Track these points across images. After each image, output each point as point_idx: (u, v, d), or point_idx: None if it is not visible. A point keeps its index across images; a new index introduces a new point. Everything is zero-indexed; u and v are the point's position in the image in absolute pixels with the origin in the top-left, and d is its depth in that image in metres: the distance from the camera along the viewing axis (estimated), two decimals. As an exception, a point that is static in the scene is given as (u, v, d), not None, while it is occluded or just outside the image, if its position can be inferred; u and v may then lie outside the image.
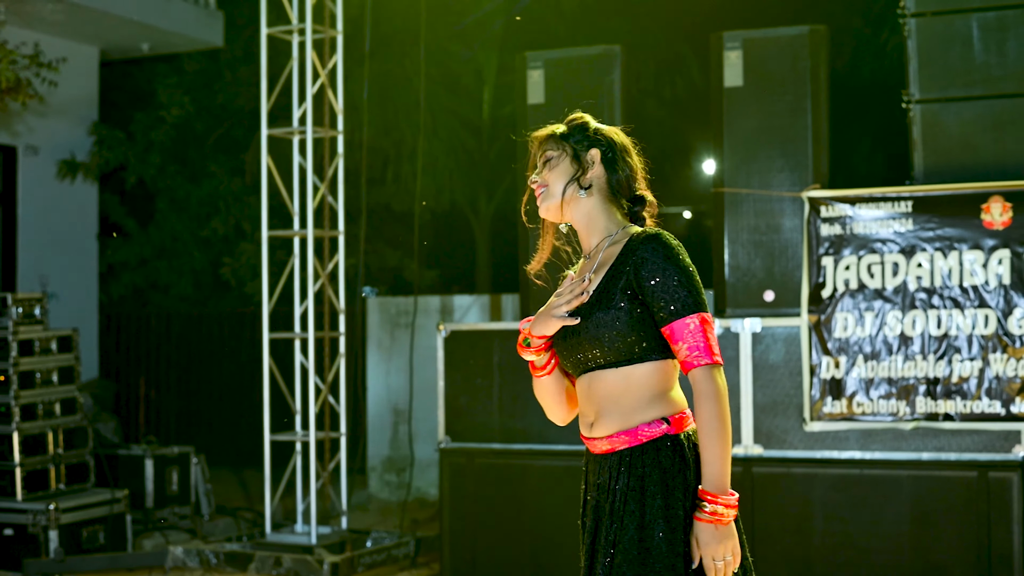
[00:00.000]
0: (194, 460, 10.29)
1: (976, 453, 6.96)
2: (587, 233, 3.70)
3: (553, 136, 3.76)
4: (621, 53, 8.01)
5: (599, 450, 3.57)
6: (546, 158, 3.74)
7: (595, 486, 3.60)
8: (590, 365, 3.56)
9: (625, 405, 3.53)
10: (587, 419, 3.62)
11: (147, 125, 14.88)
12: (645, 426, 3.50)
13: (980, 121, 7.24)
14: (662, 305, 3.47)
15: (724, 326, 7.40)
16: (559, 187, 3.69)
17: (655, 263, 3.50)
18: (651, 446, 3.49)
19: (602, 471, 3.56)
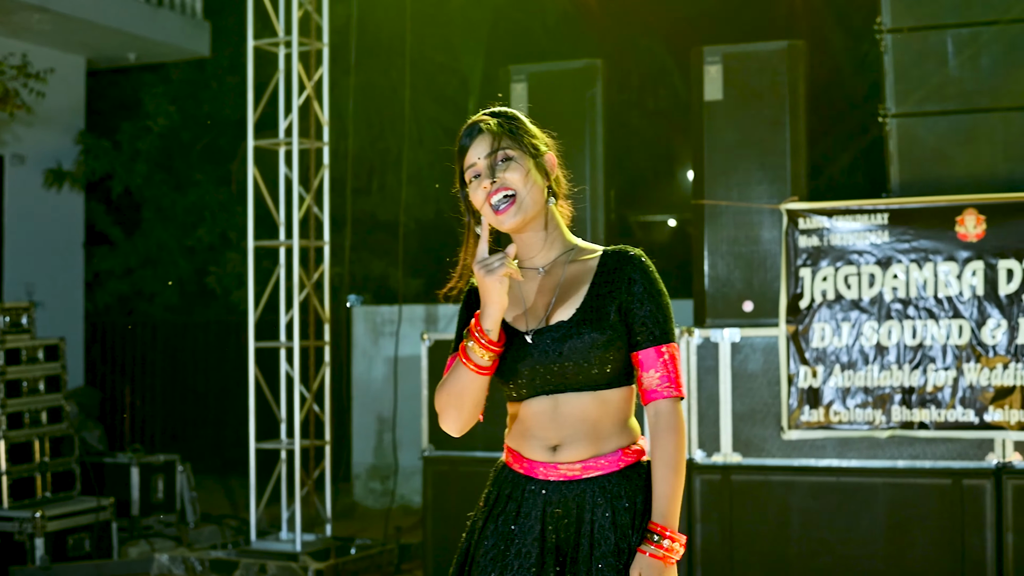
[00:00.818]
0: (180, 468, 10.35)
1: (950, 461, 7.06)
2: (544, 246, 3.43)
3: (511, 132, 3.42)
4: (603, 66, 8.12)
5: (562, 476, 3.32)
6: (505, 156, 3.37)
7: (553, 516, 3.31)
8: (566, 386, 3.31)
9: (602, 429, 3.33)
10: (545, 442, 3.34)
11: (133, 134, 14.92)
12: (623, 453, 3.35)
13: (955, 135, 7.36)
14: (643, 329, 3.32)
15: (704, 336, 7.50)
16: (536, 194, 3.37)
17: (644, 285, 3.35)
18: (631, 472, 3.34)
19: (565, 499, 3.31)
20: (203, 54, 13.98)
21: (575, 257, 3.42)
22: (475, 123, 3.43)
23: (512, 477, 3.41)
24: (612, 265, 3.37)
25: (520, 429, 3.41)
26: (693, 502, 7.45)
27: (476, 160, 3.37)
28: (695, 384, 7.50)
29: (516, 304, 3.41)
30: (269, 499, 9.68)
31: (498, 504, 3.41)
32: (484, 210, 3.35)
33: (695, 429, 7.49)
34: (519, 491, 3.38)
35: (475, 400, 3.33)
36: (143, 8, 13.02)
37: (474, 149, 3.39)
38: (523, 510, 3.35)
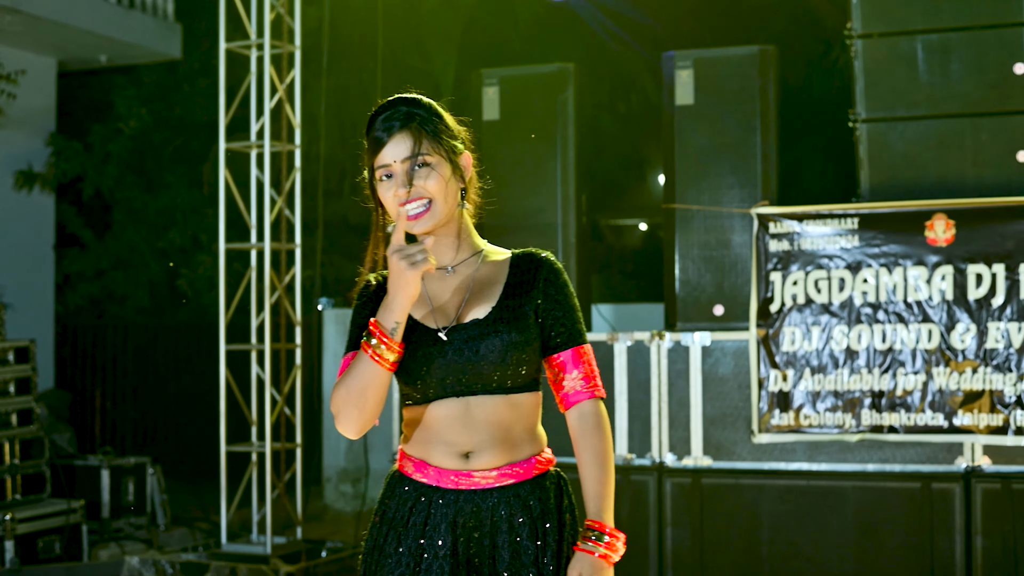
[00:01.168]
0: (150, 470, 10.33)
1: (920, 465, 7.11)
2: (453, 248, 3.29)
3: (432, 135, 3.21)
4: (575, 70, 8.15)
5: (475, 485, 3.16)
6: (424, 162, 3.18)
7: (466, 527, 3.16)
8: (479, 387, 3.16)
9: (515, 435, 3.20)
10: (456, 448, 3.17)
11: (104, 136, 14.88)
12: (536, 460, 3.24)
13: (924, 140, 7.40)
14: (562, 331, 3.25)
15: (674, 340, 7.52)
16: (451, 200, 3.23)
17: (559, 288, 3.27)
18: (544, 480, 3.23)
19: (479, 510, 3.16)
20: (175, 56, 13.95)
21: (484, 259, 3.30)
22: (393, 117, 3.22)
23: (415, 488, 3.22)
24: (525, 267, 3.27)
25: (425, 435, 3.21)
26: (663, 505, 7.47)
27: (391, 162, 3.20)
28: (666, 388, 7.52)
29: (422, 302, 3.25)
30: (240, 502, 9.66)
31: (398, 520, 3.22)
32: (394, 211, 3.20)
33: (666, 432, 7.51)
34: (425, 503, 3.19)
35: (378, 398, 3.12)
36: (115, 10, 12.98)
37: (390, 148, 3.20)
38: (431, 523, 3.17)
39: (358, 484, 11.74)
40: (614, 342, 7.62)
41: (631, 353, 7.61)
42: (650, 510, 7.49)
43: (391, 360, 3.09)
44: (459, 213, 3.29)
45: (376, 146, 3.22)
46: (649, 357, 7.58)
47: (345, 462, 12.04)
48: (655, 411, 7.54)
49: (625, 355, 7.60)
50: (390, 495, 3.28)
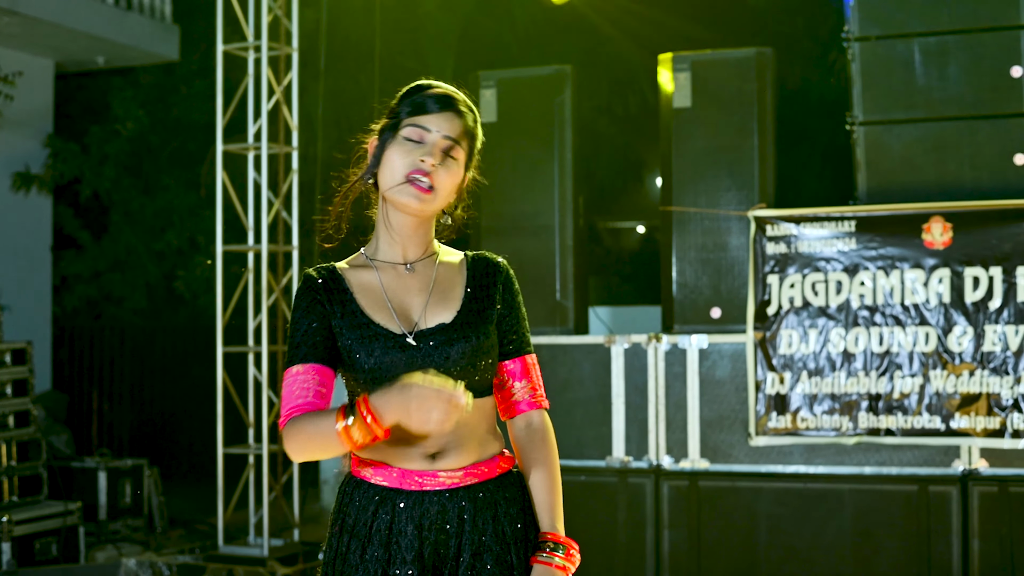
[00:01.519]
0: (147, 472, 10.33)
1: (917, 468, 7.11)
2: (415, 244, 3.18)
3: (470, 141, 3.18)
4: (572, 73, 8.14)
5: (440, 485, 3.05)
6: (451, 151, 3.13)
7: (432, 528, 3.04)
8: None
9: (480, 435, 3.10)
10: (424, 449, 3.04)
11: (102, 138, 14.87)
12: (499, 459, 3.16)
13: (921, 143, 7.40)
14: (514, 339, 3.21)
15: (672, 342, 7.52)
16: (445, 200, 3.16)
17: (514, 292, 3.23)
18: (507, 479, 3.15)
19: (445, 509, 3.04)
20: (172, 58, 13.95)
21: (439, 259, 3.20)
22: (455, 99, 3.16)
23: (375, 493, 3.07)
24: (482, 270, 3.20)
25: (392, 435, 2.93)
26: (661, 508, 7.47)
27: (433, 130, 3.10)
28: (663, 390, 7.52)
29: (379, 302, 3.10)
30: (237, 504, 9.65)
31: (360, 528, 3.07)
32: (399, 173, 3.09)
33: (663, 435, 7.51)
34: (387, 507, 3.05)
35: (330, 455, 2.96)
36: (112, 12, 12.98)
37: (440, 118, 3.11)
38: (396, 527, 3.04)
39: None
40: (611, 344, 7.62)
41: (628, 356, 7.61)
42: (647, 513, 7.49)
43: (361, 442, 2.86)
44: (432, 221, 3.22)
45: (423, 108, 3.13)
46: (646, 360, 7.58)
47: (342, 464, 12.04)
48: (652, 414, 7.54)
49: (622, 357, 7.60)
50: (347, 502, 3.11)
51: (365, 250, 3.24)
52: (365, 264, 3.20)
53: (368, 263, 3.20)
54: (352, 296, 3.11)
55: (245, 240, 9.50)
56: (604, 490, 7.52)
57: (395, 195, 3.10)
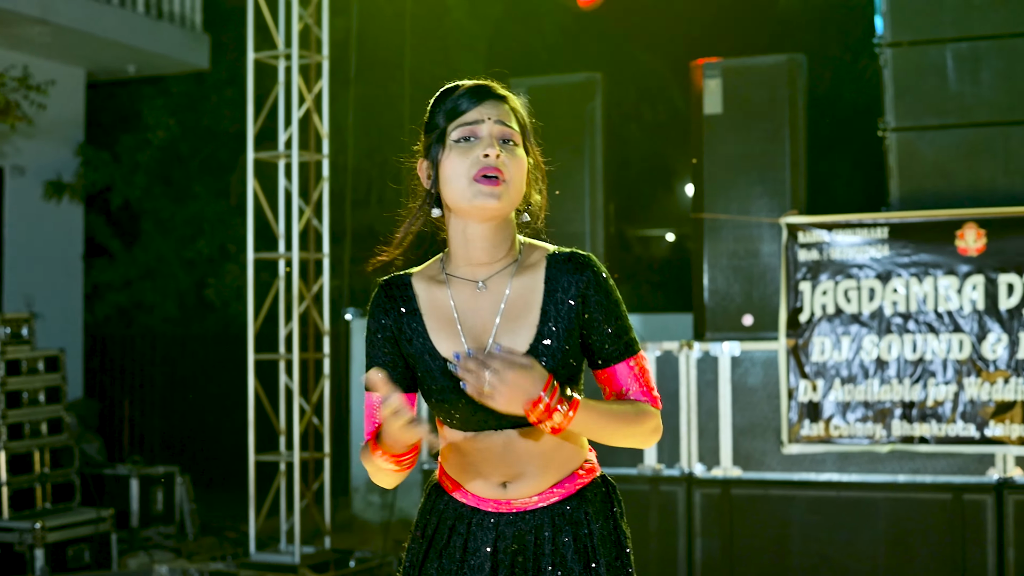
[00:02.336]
0: (179, 480, 10.35)
1: (951, 476, 7.07)
2: (492, 254, 2.92)
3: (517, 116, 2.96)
4: (602, 80, 8.14)
5: (516, 509, 2.92)
6: (507, 135, 2.90)
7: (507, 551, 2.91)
8: (521, 422, 2.81)
9: (559, 457, 2.92)
10: (494, 479, 2.92)
11: (133, 146, 14.93)
12: (579, 474, 2.96)
13: (954, 149, 7.37)
14: (608, 346, 2.91)
15: (703, 350, 7.50)
16: (517, 196, 2.90)
17: (603, 292, 2.90)
18: (589, 492, 2.96)
19: (521, 533, 2.91)
20: (203, 67, 13.99)
21: (519, 270, 2.91)
22: (486, 88, 2.95)
23: (455, 507, 2.99)
24: (564, 277, 2.88)
25: (461, 461, 2.95)
26: (693, 516, 7.45)
27: (484, 119, 2.88)
28: (695, 398, 7.50)
29: (449, 324, 2.92)
30: (268, 511, 9.67)
31: (440, 537, 3.00)
32: (465, 178, 2.84)
33: (695, 443, 7.49)
34: (464, 524, 2.96)
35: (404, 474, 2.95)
36: (143, 21, 13.04)
37: (482, 109, 2.89)
38: (471, 546, 2.94)
39: (386, 494, 11.73)
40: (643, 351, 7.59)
41: (660, 363, 7.59)
42: (679, 521, 7.46)
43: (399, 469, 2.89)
44: (511, 220, 2.95)
45: (462, 106, 2.91)
46: (678, 367, 7.56)
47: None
48: (684, 421, 7.52)
49: (654, 365, 7.59)
50: (430, 508, 3.06)
51: (443, 260, 3.01)
52: (439, 278, 2.97)
53: (442, 278, 2.97)
54: (421, 317, 2.93)
55: (276, 248, 9.52)
56: (636, 498, 7.50)
57: (468, 203, 2.84)
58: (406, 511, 11.50)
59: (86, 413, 12.52)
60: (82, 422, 11.61)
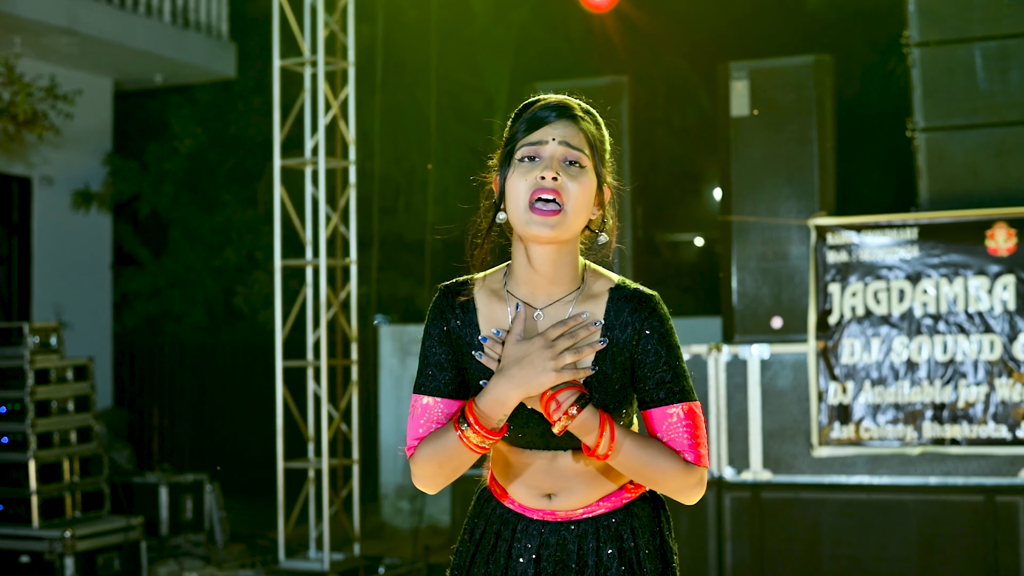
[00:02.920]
0: (208, 487, 10.36)
1: (983, 477, 7.02)
2: (552, 281, 2.85)
3: (589, 138, 2.85)
4: (629, 83, 8.11)
5: (561, 518, 2.93)
6: (572, 157, 2.80)
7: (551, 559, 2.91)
8: (567, 446, 2.85)
9: (605, 478, 2.90)
10: (539, 491, 2.92)
11: (160, 155, 14.98)
12: (627, 489, 2.94)
13: (984, 149, 7.32)
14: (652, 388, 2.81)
15: (732, 353, 7.47)
16: (583, 216, 2.81)
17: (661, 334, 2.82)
18: (635, 507, 2.94)
19: (564, 541, 2.91)
20: (229, 75, 14.03)
21: (580, 299, 2.85)
22: (566, 105, 2.87)
23: (502, 512, 3.00)
24: (624, 313, 2.83)
25: (508, 471, 2.97)
26: (723, 520, 7.41)
27: (549, 140, 2.80)
28: (724, 401, 7.47)
29: None
30: (297, 518, 9.67)
31: (486, 541, 3.00)
32: (523, 202, 2.78)
33: (724, 446, 7.45)
34: (509, 530, 2.97)
35: (466, 468, 2.87)
36: (170, 30, 13.07)
37: (553, 127, 2.81)
38: (515, 551, 2.95)
39: (415, 501, 11.72)
40: (671, 355, 7.57)
41: (688, 367, 7.55)
42: (709, 525, 7.43)
43: (485, 446, 2.80)
44: (575, 242, 2.87)
45: (534, 123, 2.82)
46: (707, 371, 7.52)
47: (402, 478, 12.03)
48: (714, 425, 7.48)
49: (682, 368, 7.55)
50: (479, 512, 3.05)
51: (506, 273, 2.93)
52: (500, 293, 2.90)
53: (503, 293, 2.90)
54: (478, 330, 2.89)
55: (303, 254, 9.52)
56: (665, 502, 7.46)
57: (524, 228, 2.78)
58: (435, 517, 11.49)
59: (115, 422, 12.55)
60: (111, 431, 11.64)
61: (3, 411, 8.79)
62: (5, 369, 8.85)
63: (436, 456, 2.83)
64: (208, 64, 13.61)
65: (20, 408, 8.78)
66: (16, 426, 8.73)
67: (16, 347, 8.85)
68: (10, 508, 8.73)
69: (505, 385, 2.71)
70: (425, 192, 14.33)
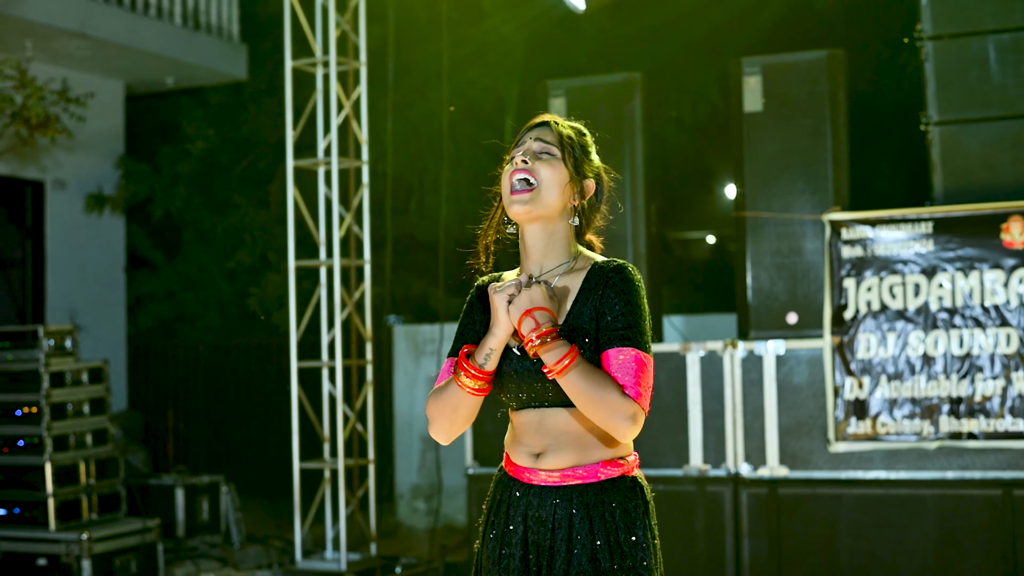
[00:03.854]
0: (224, 489, 10.37)
1: (1000, 471, 7.00)
2: (541, 253, 3.44)
3: (560, 136, 3.46)
4: (641, 80, 8.10)
5: (543, 482, 3.36)
6: (544, 149, 3.43)
7: (534, 519, 3.36)
8: (551, 402, 3.35)
9: (585, 442, 3.34)
10: (530, 449, 3.39)
11: (172, 158, 14.99)
12: (604, 465, 3.34)
13: (998, 142, 7.30)
14: (609, 334, 3.27)
15: (748, 349, 7.46)
16: (554, 199, 3.39)
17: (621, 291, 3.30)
18: (610, 485, 3.34)
19: (543, 504, 3.36)
20: (240, 77, 14.04)
21: (568, 271, 3.42)
22: (546, 119, 3.51)
23: (505, 480, 3.49)
24: (596, 277, 3.36)
25: (512, 436, 3.47)
26: (740, 516, 7.41)
27: (527, 139, 3.45)
28: (740, 397, 7.46)
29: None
30: (314, 519, 9.67)
31: (493, 509, 3.49)
32: (506, 188, 3.42)
33: (741, 443, 7.45)
34: (508, 494, 3.45)
35: (468, 415, 3.41)
36: (180, 33, 13.09)
37: (533, 133, 3.47)
38: (511, 513, 3.42)
39: (431, 500, 11.73)
40: (687, 352, 7.56)
41: (704, 363, 7.55)
42: (726, 521, 7.42)
43: (473, 387, 3.34)
44: (565, 225, 3.44)
45: (522, 133, 3.50)
46: (722, 367, 7.51)
47: (418, 478, 12.04)
48: (729, 421, 7.47)
49: (698, 365, 7.54)
50: (494, 487, 3.53)
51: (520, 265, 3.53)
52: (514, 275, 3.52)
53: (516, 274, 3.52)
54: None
55: (316, 255, 9.52)
56: (682, 499, 7.46)
57: (509, 210, 3.41)
58: (451, 517, 11.49)
59: (130, 425, 12.56)
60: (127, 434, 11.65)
61: (19, 414, 8.81)
62: (21, 372, 8.86)
63: (439, 399, 3.40)
64: (219, 66, 13.62)
65: (36, 411, 8.80)
66: (32, 429, 8.75)
67: (31, 350, 8.86)
68: (27, 511, 8.75)
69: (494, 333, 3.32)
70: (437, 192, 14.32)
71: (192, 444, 14.86)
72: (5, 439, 8.82)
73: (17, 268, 13.08)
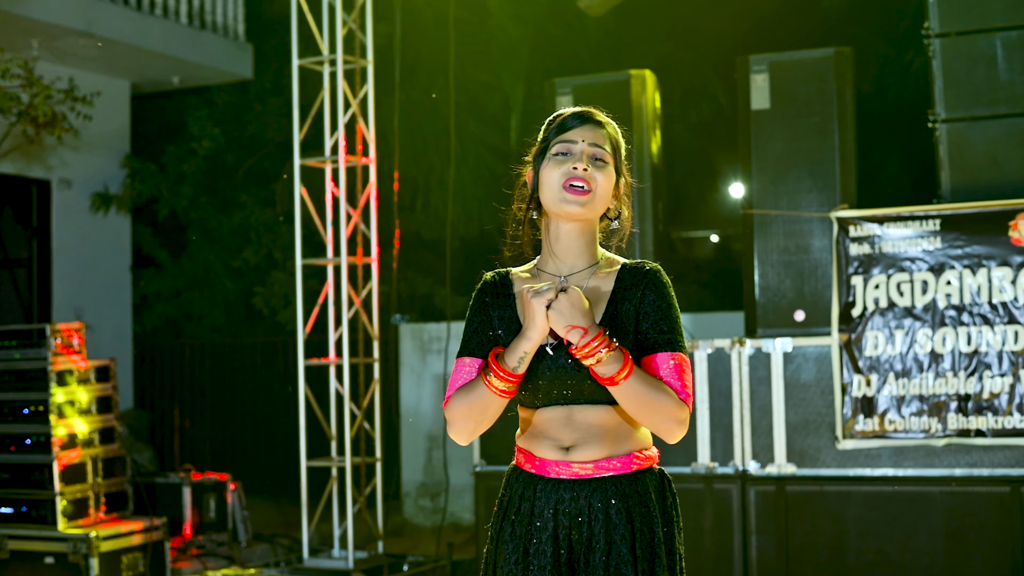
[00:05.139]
0: (231, 487, 10.37)
1: (1009, 469, 6.99)
2: (575, 255, 3.43)
3: (612, 141, 3.46)
4: (648, 78, 8.10)
5: (574, 475, 3.34)
6: (599, 155, 3.40)
7: (565, 513, 3.34)
8: (583, 399, 3.34)
9: (617, 435, 3.36)
10: (559, 443, 3.36)
11: (178, 157, 15.01)
12: (635, 454, 3.37)
13: (1006, 139, 7.29)
14: (650, 336, 3.32)
15: (755, 346, 7.46)
16: (602, 206, 3.42)
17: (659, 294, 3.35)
18: (644, 475, 3.37)
19: (577, 497, 3.34)
20: (246, 76, 14.05)
21: (597, 272, 3.43)
22: (592, 114, 3.47)
23: (524, 478, 3.44)
24: (630, 279, 3.38)
25: (533, 432, 3.43)
26: (748, 514, 7.40)
27: (579, 140, 3.40)
28: (747, 395, 7.45)
29: None
30: (321, 517, 9.67)
31: (511, 507, 3.45)
32: (556, 185, 3.36)
33: (748, 440, 7.44)
34: (531, 490, 3.41)
35: (494, 416, 3.38)
36: (186, 32, 13.11)
37: (581, 130, 3.41)
38: (536, 509, 3.38)
39: (437, 498, 11.73)
40: (694, 350, 7.56)
41: (712, 361, 7.55)
42: (734, 519, 7.42)
43: (504, 389, 3.30)
44: (597, 226, 3.46)
45: (566, 126, 3.43)
46: (730, 364, 7.51)
47: (424, 476, 12.04)
48: (737, 419, 7.47)
49: (706, 363, 7.55)
50: (507, 485, 3.49)
51: (537, 261, 3.51)
52: (532, 273, 3.48)
53: (535, 273, 3.48)
54: (513, 302, 3.45)
55: (321, 254, 9.53)
56: (690, 496, 7.46)
57: (557, 207, 3.37)
58: (458, 515, 11.50)
59: (136, 424, 12.58)
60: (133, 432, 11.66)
61: (26, 413, 8.82)
62: (27, 371, 8.86)
63: (465, 401, 3.35)
64: (225, 65, 13.64)
65: (43, 410, 8.80)
66: (39, 427, 8.75)
67: (38, 349, 8.87)
68: (34, 509, 8.75)
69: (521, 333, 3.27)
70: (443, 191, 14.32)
71: (198, 442, 14.87)
72: (12, 438, 8.83)
73: (23, 267, 13.10)
